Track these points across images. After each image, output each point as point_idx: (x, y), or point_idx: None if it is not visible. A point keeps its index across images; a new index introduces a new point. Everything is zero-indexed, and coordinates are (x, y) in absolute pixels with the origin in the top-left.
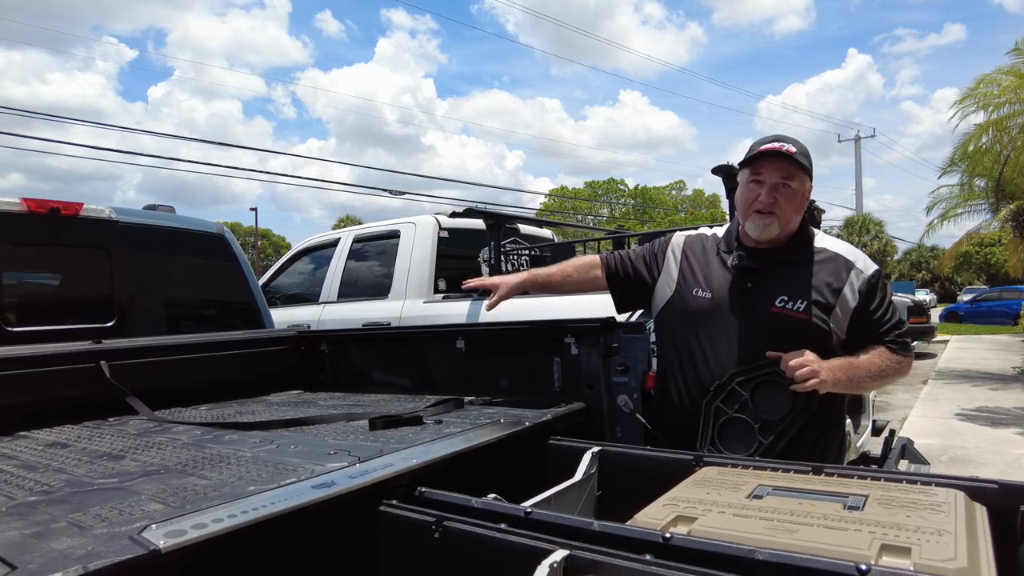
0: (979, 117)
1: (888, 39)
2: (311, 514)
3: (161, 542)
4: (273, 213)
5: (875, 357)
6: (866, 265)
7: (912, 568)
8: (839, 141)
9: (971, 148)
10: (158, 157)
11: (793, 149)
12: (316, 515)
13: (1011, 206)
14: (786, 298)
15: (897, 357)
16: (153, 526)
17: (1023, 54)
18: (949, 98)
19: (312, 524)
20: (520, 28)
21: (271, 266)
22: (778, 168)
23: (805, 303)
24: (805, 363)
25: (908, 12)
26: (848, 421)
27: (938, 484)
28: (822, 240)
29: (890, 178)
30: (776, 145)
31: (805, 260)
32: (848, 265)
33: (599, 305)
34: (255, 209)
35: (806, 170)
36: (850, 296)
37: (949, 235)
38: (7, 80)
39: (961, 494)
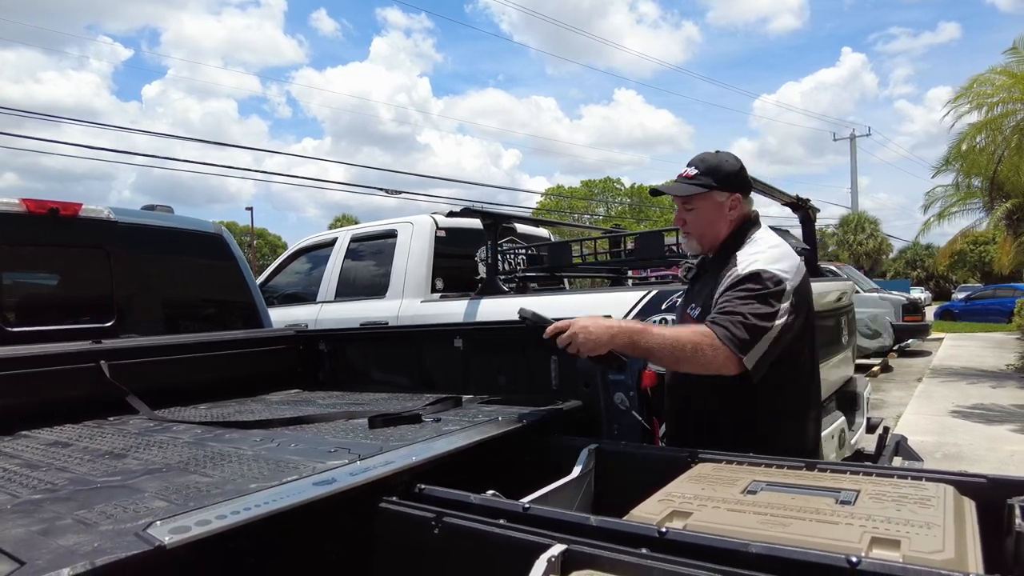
0: (973, 116)
1: (882, 38)
2: (312, 511)
3: (166, 538)
4: (269, 212)
5: (681, 327)
6: (746, 266)
7: (901, 560)
8: (835, 140)
9: (966, 147)
10: (153, 156)
11: (692, 172)
12: (317, 512)
13: (1005, 204)
14: (694, 305)
15: (706, 331)
16: (158, 523)
17: (1020, 54)
18: (943, 96)
19: (313, 520)
20: (515, 27)
21: (267, 266)
22: (676, 197)
23: (699, 310)
24: (559, 327)
25: (902, 11)
26: (842, 418)
27: (929, 479)
28: (747, 245)
29: (885, 176)
30: (681, 172)
31: (716, 267)
32: (732, 266)
33: (597, 304)
34: (251, 208)
35: (708, 186)
36: (718, 293)
37: (943, 233)
38: (0, 79)
39: (951, 488)
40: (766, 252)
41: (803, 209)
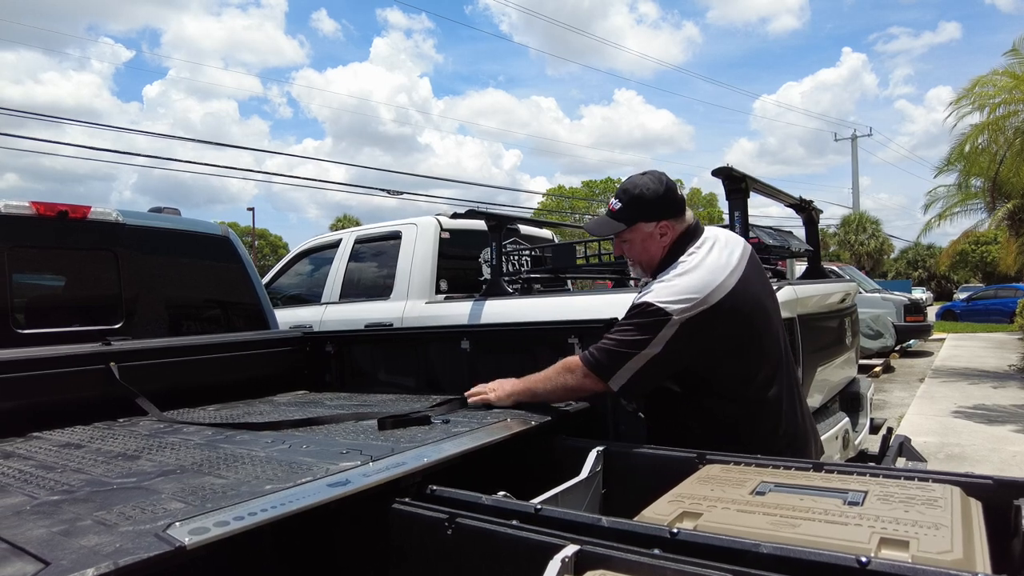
0: (975, 117)
1: (882, 38)
2: (327, 512)
3: (186, 539)
4: (269, 213)
5: (557, 364)
6: (642, 295)
7: (910, 560)
8: (836, 140)
9: (967, 148)
10: (154, 157)
11: (616, 205)
12: (332, 513)
13: (1007, 205)
14: None
15: (575, 361)
16: (177, 524)
17: (1020, 55)
18: (944, 97)
19: (328, 521)
20: (515, 28)
21: (269, 266)
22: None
23: None
24: (477, 391)
25: (902, 11)
26: (846, 419)
27: (935, 480)
28: (668, 269)
29: (885, 176)
30: (609, 203)
31: None
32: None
33: (603, 305)
34: (252, 209)
35: (630, 221)
36: None
37: (945, 233)
38: (1, 80)
39: (957, 490)
40: (671, 282)
41: (807, 211)
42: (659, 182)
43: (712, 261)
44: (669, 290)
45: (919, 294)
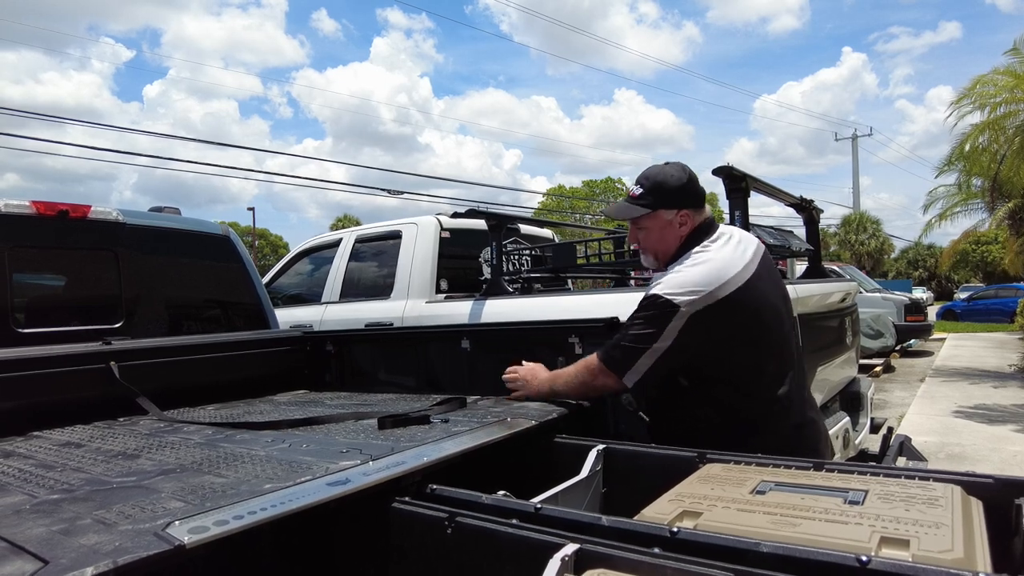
0: (976, 117)
1: (882, 37)
2: (327, 511)
3: (186, 538)
4: (270, 213)
5: (579, 362)
6: (651, 287)
7: (911, 559)
8: (836, 139)
9: (968, 148)
10: (155, 157)
11: (637, 191)
12: (331, 512)
13: (1008, 205)
14: None
15: (594, 359)
16: (177, 523)
17: (1021, 54)
18: (944, 96)
19: (327, 520)
20: (515, 28)
21: (269, 266)
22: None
23: None
24: (513, 376)
25: (902, 11)
26: (847, 418)
27: (936, 479)
28: (677, 262)
29: (886, 176)
30: (629, 189)
31: None
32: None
33: (603, 305)
34: (252, 209)
35: (652, 207)
36: None
37: (946, 233)
38: (2, 80)
39: (958, 489)
40: (680, 273)
41: (807, 211)
42: (682, 171)
43: (725, 255)
44: (678, 281)
45: (919, 294)
